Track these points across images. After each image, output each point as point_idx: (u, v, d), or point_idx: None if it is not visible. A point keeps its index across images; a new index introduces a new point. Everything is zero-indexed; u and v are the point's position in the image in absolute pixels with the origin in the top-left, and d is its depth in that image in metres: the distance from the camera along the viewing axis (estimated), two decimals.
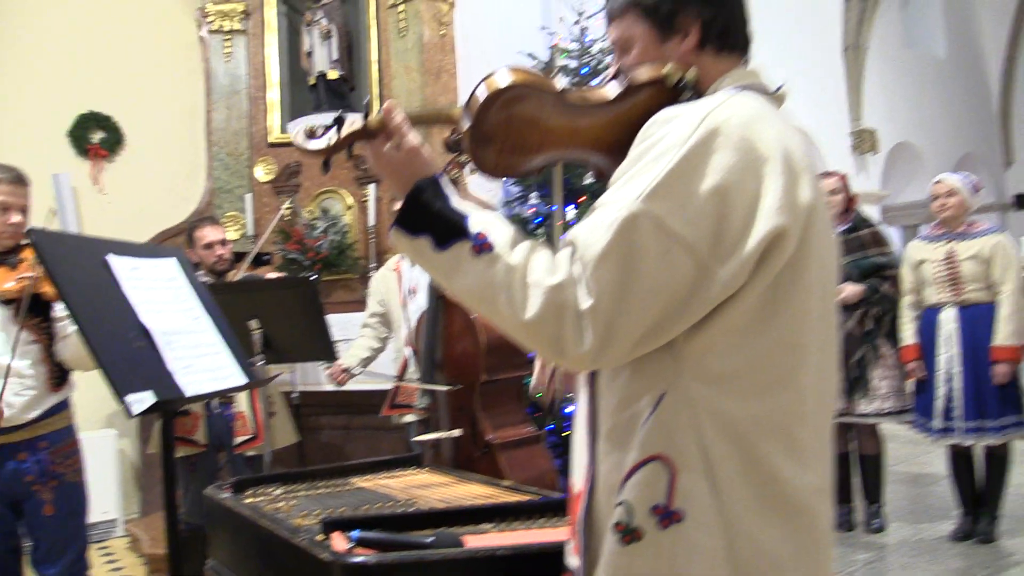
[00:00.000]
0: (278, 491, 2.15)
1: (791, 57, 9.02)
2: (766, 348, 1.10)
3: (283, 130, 5.29)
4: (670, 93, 1.19)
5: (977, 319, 3.83)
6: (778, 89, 1.25)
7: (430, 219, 1.13)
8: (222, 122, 5.32)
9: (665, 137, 1.08)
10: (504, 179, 2.49)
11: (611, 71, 1.28)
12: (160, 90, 5.50)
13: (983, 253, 3.83)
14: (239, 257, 4.27)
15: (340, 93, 5.21)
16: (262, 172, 5.27)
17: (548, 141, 1.20)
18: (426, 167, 1.18)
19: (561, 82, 1.23)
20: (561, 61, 5.01)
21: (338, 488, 2.17)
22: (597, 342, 1.04)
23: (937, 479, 5.09)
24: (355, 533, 1.54)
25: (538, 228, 4.56)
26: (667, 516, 1.09)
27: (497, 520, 1.77)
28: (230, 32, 5.34)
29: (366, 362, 3.94)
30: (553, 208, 4.34)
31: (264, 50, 5.33)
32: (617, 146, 1.16)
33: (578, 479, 1.20)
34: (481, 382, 3.34)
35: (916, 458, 5.78)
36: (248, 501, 2.02)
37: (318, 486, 2.19)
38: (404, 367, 3.80)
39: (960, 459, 4.05)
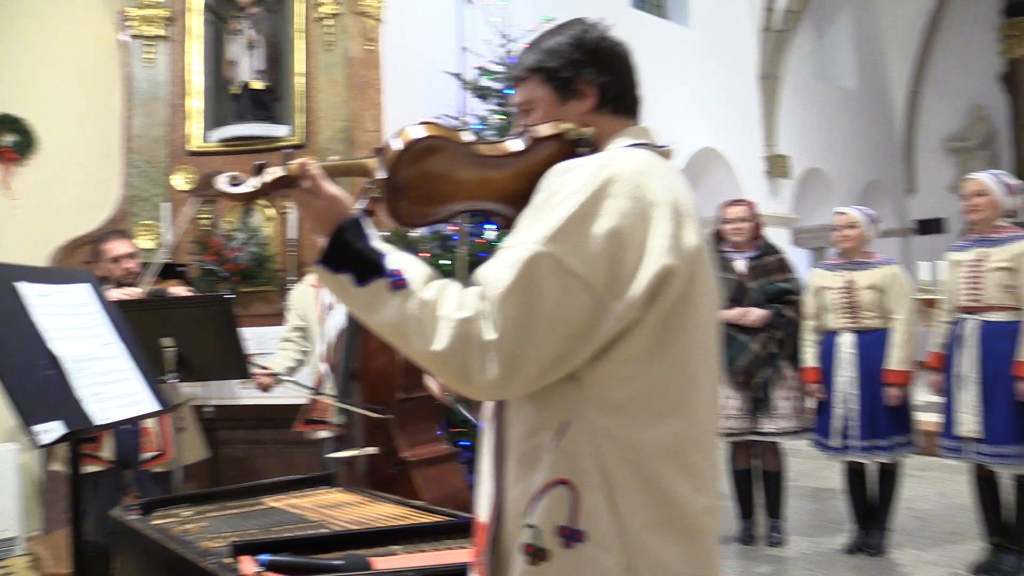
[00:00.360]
0: (188, 512, 2.13)
1: (712, 85, 9.33)
2: (661, 377, 1.19)
3: (204, 139, 5.22)
4: (569, 148, 1.29)
5: (872, 344, 4.05)
6: (665, 146, 1.37)
7: (351, 258, 1.20)
8: (140, 129, 5.22)
9: (565, 185, 1.18)
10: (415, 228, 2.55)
11: (517, 129, 1.37)
12: (76, 94, 5.35)
13: (880, 283, 4.04)
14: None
15: (264, 104, 5.17)
16: (181, 181, 5.19)
17: (458, 192, 1.27)
18: (347, 209, 1.25)
19: (469, 136, 1.30)
20: (485, 81, 5.08)
21: (249, 508, 2.17)
22: (502, 372, 1.12)
23: (836, 493, 5.32)
24: (264, 557, 1.56)
25: (458, 245, 4.61)
26: (571, 536, 1.16)
27: (406, 541, 1.81)
28: (152, 38, 5.25)
29: (291, 371, 3.92)
30: (472, 228, 4.39)
31: (186, 57, 5.24)
32: (521, 196, 1.25)
33: (484, 507, 1.26)
34: (397, 400, 3.37)
35: (818, 473, 6.02)
36: (157, 523, 2.01)
37: (229, 506, 2.19)
38: (319, 383, 3.79)
39: (854, 475, 4.25)
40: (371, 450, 3.27)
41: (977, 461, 3.73)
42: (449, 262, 4.32)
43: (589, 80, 1.34)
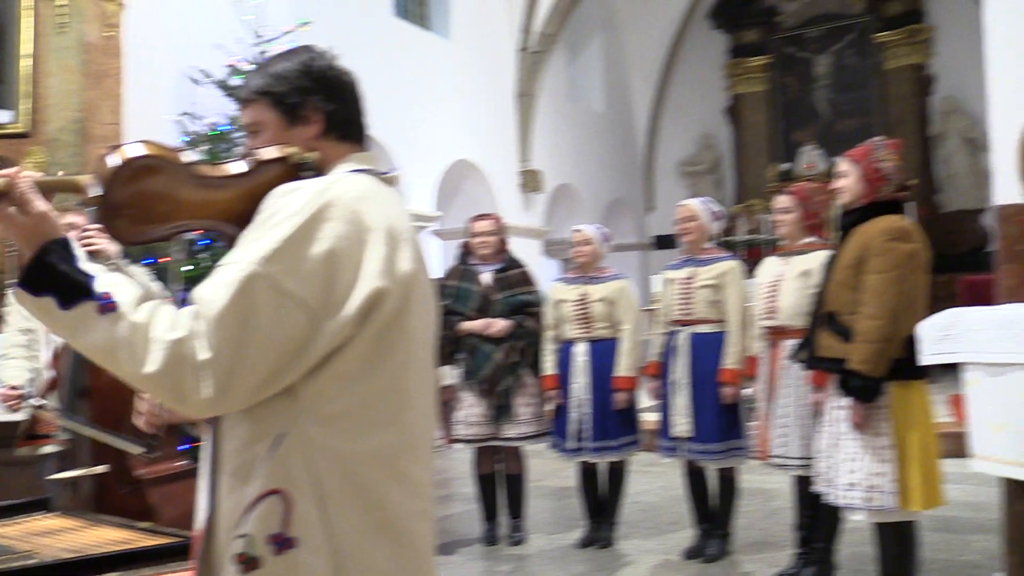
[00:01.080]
0: None
1: (471, 99, 9.60)
2: (373, 391, 1.26)
3: None
4: (293, 171, 1.32)
5: (604, 353, 4.39)
6: (388, 173, 1.43)
7: (55, 280, 1.17)
8: None
9: (285, 207, 1.22)
10: (131, 246, 2.44)
11: (242, 151, 1.39)
12: None
13: (609, 296, 4.40)
14: None
15: None
16: None
17: (178, 211, 1.26)
18: (55, 229, 1.21)
19: (191, 156, 1.31)
20: (236, 81, 4.92)
21: None
22: (216, 391, 1.14)
23: (574, 492, 5.69)
24: None
25: (203, 251, 4.44)
26: (283, 543, 1.20)
27: (127, 567, 1.74)
28: None
29: (31, 383, 3.55)
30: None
31: None
32: (245, 217, 1.27)
33: (201, 519, 1.28)
34: (132, 414, 3.18)
35: (558, 473, 6.39)
36: None
37: None
38: (43, 391, 3.49)
39: (587, 474, 4.59)
40: (100, 469, 3.05)
41: (688, 458, 4.16)
42: (192, 267, 4.14)
43: (316, 107, 1.38)
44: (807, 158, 12.41)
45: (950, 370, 2.98)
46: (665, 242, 13.64)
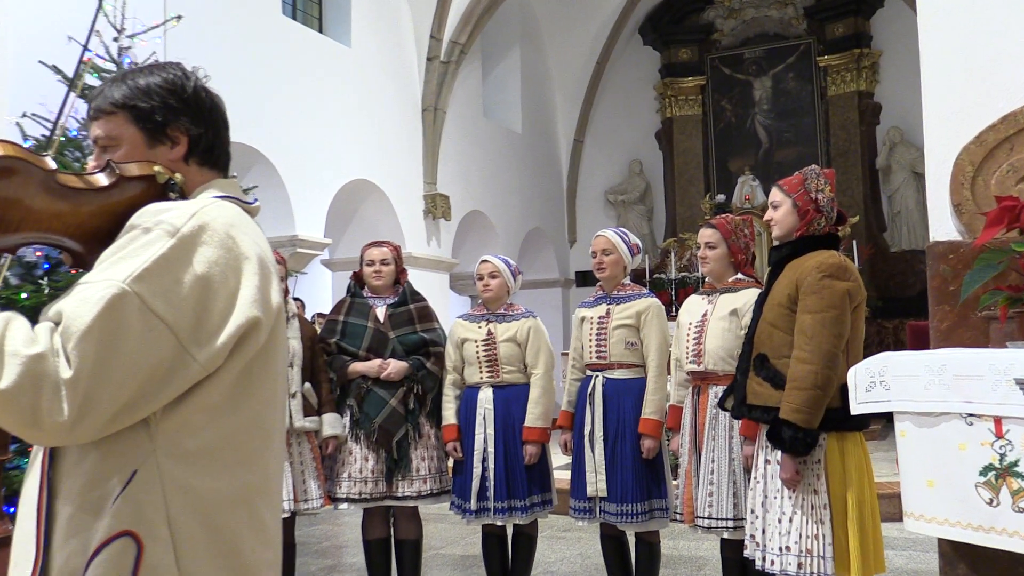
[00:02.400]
0: None
1: (370, 111, 9.62)
2: (237, 427, 1.33)
3: None
4: (159, 191, 1.40)
5: (511, 400, 4.42)
6: (253, 202, 1.52)
7: None
8: None
9: (157, 226, 1.29)
10: None
11: (98, 163, 1.44)
12: None
13: (519, 336, 4.45)
14: None
15: None
16: None
17: (29, 221, 1.30)
18: None
19: (52, 163, 1.34)
20: (92, 80, 4.84)
21: None
22: (74, 414, 1.18)
23: (479, 561, 5.68)
24: None
25: (46, 275, 4.32)
26: None
27: None
28: None
29: None
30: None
31: None
32: (99, 234, 1.33)
33: (22, 572, 1.28)
34: None
35: (465, 539, 6.37)
36: None
37: None
38: None
39: (492, 540, 4.59)
40: None
41: (604, 521, 4.21)
42: (26, 294, 4.03)
43: (181, 129, 1.47)
44: (745, 188, 12.83)
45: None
46: (589, 279, 13.87)
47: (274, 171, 8.19)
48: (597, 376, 4.25)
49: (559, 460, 4.80)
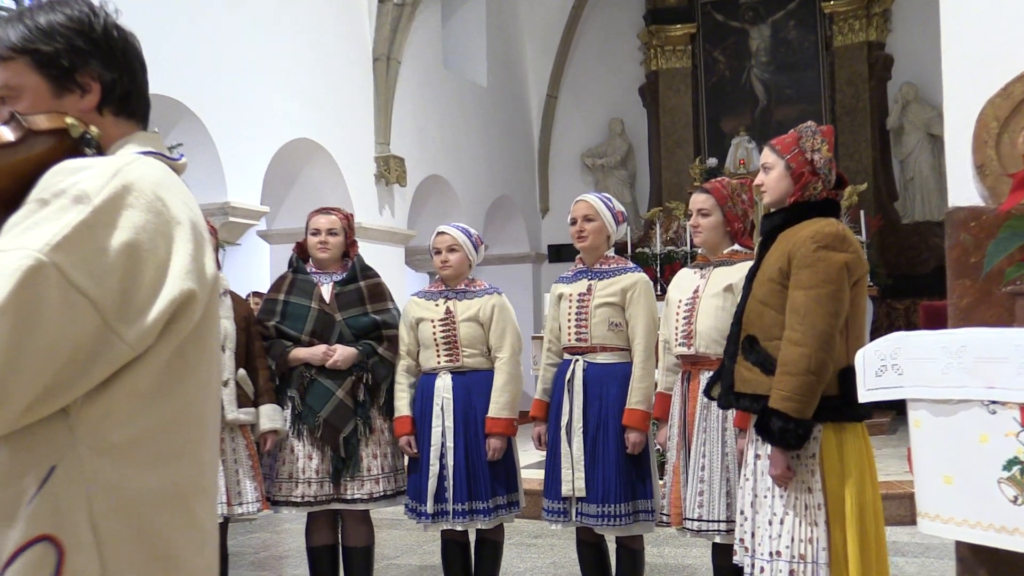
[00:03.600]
0: None
1: (311, 60, 9.51)
2: (169, 416, 1.32)
3: None
4: (72, 146, 1.38)
5: (473, 387, 4.41)
6: (179, 159, 1.50)
7: None
8: None
9: (74, 187, 1.26)
10: None
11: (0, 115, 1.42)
12: None
13: (481, 316, 4.43)
14: None
15: None
16: None
17: None
18: None
19: None
20: None
21: None
22: None
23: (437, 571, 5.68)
24: None
25: None
26: None
27: None
28: None
29: None
30: None
31: None
32: (3, 197, 1.32)
33: None
34: None
35: (423, 547, 6.38)
36: None
37: None
38: None
39: (453, 547, 4.58)
40: None
41: (582, 524, 4.22)
42: None
43: (92, 75, 1.44)
44: (740, 151, 12.88)
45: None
46: (563, 253, 13.89)
47: (202, 128, 8.08)
48: (577, 360, 4.24)
49: (528, 458, 4.80)
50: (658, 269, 11.86)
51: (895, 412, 9.81)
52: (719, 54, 14.06)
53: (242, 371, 4.42)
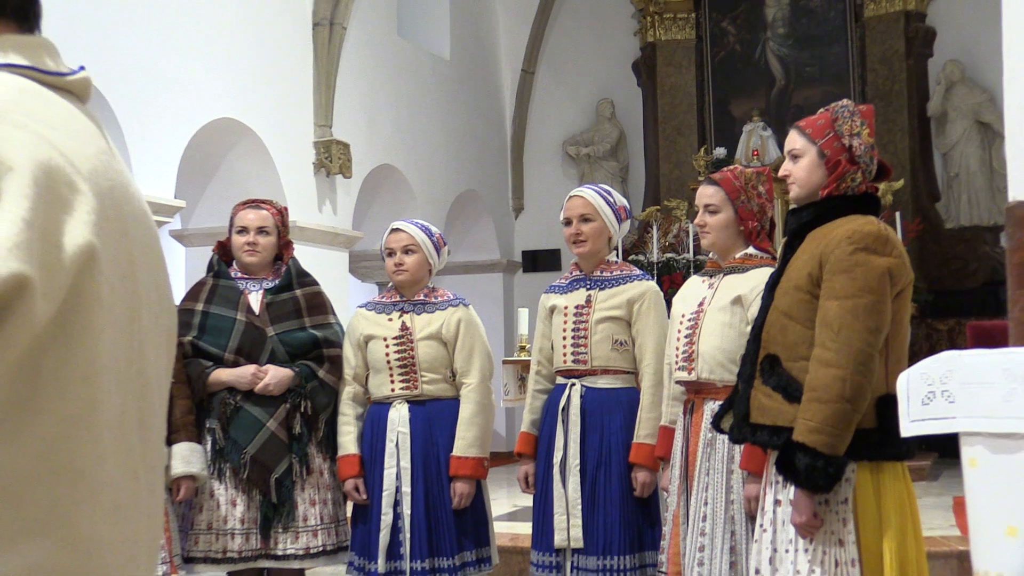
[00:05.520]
0: None
1: (245, 29, 9.48)
2: (12, 470, 1.13)
3: None
4: None
5: (434, 419, 4.40)
6: (68, 74, 1.29)
7: None
8: None
9: None
10: None
11: None
12: None
13: (444, 331, 4.41)
14: None
15: None
16: None
17: None
18: None
19: None
20: None
21: None
22: None
23: None
24: None
25: None
26: None
27: None
28: None
29: None
30: None
31: None
32: None
33: None
34: None
35: None
36: None
37: None
38: None
39: None
40: None
41: None
42: None
43: None
44: (753, 140, 12.94)
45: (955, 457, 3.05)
46: (540, 261, 13.88)
47: (105, 105, 8.02)
48: (573, 385, 4.26)
49: (500, 506, 4.77)
50: (655, 280, 11.86)
51: (937, 454, 9.84)
52: (728, 24, 14.12)
53: None
